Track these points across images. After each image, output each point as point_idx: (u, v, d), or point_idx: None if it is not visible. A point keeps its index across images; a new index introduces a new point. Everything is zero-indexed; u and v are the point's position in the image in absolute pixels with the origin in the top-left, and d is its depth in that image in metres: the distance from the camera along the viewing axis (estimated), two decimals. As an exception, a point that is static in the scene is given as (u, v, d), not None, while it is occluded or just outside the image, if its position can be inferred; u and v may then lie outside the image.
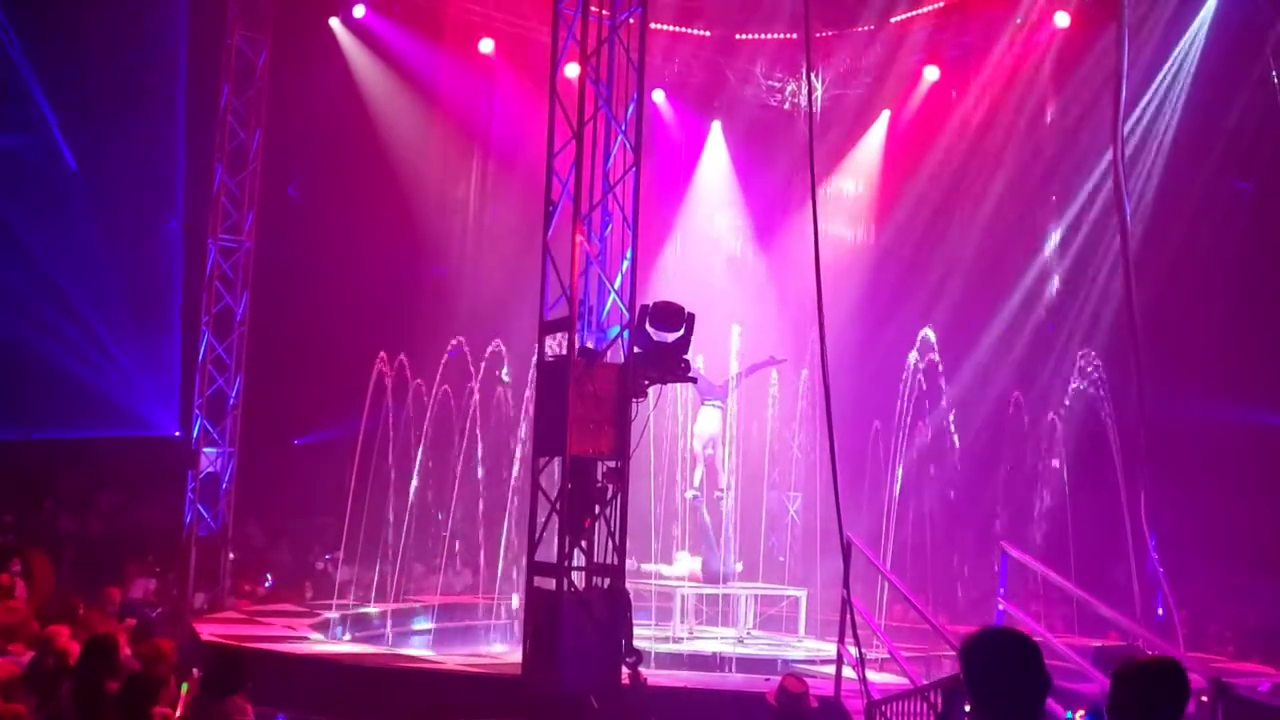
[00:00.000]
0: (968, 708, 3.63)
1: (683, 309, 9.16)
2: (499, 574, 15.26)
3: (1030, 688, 3.50)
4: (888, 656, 9.83)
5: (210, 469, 15.83)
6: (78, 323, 17.82)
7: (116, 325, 18.06)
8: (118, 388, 18.01)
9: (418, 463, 15.07)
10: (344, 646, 12.56)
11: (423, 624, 14.92)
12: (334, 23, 18.30)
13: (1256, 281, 16.63)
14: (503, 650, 13.46)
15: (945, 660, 10.53)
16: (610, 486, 8.93)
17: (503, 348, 15.33)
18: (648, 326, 9.05)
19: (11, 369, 16.57)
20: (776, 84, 19.77)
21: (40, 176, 17.11)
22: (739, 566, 15.45)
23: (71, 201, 17.41)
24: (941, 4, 18.14)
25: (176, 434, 17.81)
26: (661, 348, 9.09)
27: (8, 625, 10.43)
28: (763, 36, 19.15)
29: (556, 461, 8.90)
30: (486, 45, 18.84)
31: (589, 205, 9.20)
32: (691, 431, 15.66)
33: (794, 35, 18.61)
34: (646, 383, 9.16)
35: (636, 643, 8.98)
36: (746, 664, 12.82)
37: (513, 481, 15.44)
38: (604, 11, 9.59)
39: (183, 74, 17.20)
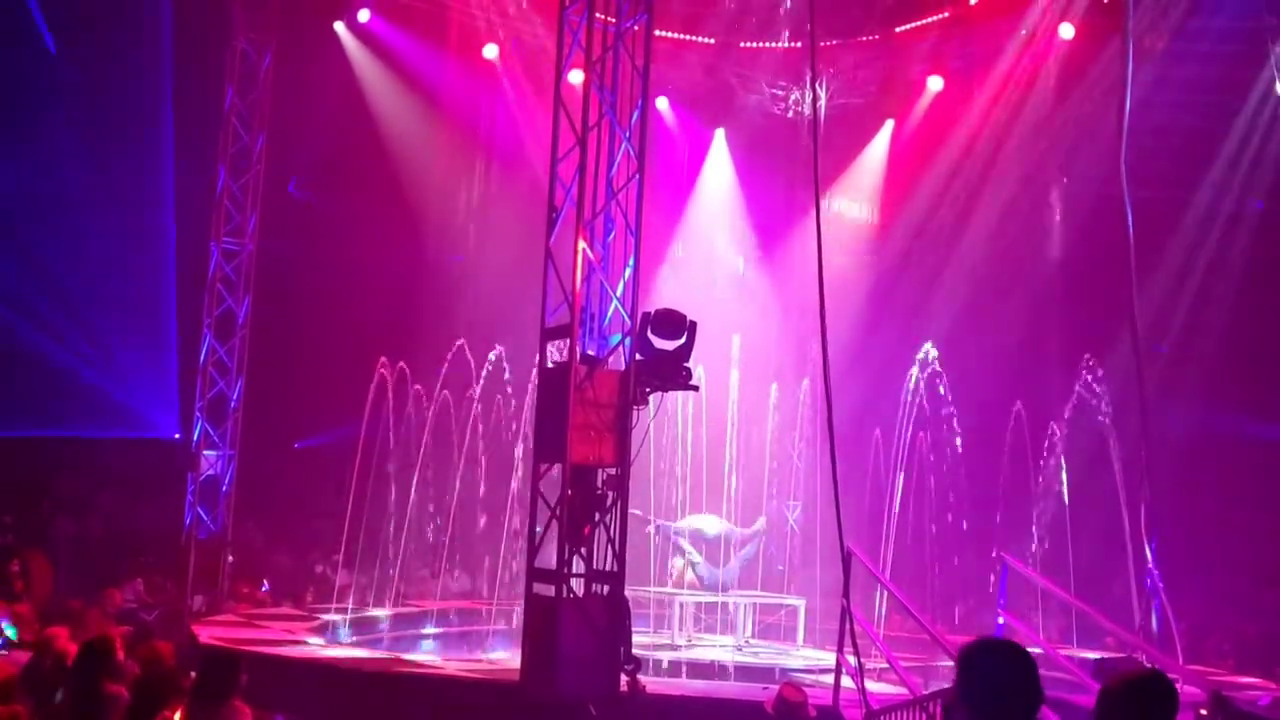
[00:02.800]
0: None
1: (684, 317, 9.16)
2: (498, 580, 15.24)
3: (1026, 699, 3.52)
4: (886, 666, 9.80)
5: (210, 471, 15.84)
6: (77, 323, 17.84)
7: (115, 326, 18.07)
8: (117, 388, 18.01)
9: (417, 467, 15.05)
10: (342, 651, 12.53)
11: (421, 628, 14.89)
12: (338, 27, 18.32)
13: (1259, 293, 16.64)
14: (502, 656, 13.43)
15: (944, 670, 10.50)
16: (610, 494, 8.91)
17: (504, 354, 15.32)
18: (649, 334, 9.05)
19: (11, 367, 16.58)
20: (780, 93, 19.78)
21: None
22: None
23: (70, 197, 17.44)
24: (946, 15, 18.15)
25: (177, 436, 17.81)
26: (663, 355, 9.09)
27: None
28: (767, 45, 19.16)
29: (557, 468, 8.89)
30: (491, 51, 18.86)
31: (592, 212, 9.20)
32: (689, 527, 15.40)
33: (798, 44, 18.64)
34: (648, 390, 9.15)
35: (635, 650, 8.96)
36: (745, 672, 12.78)
37: (512, 488, 15.42)
38: (609, 18, 9.60)
39: (169, 76, 17.21)
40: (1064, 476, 15.13)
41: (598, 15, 9.44)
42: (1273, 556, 15.56)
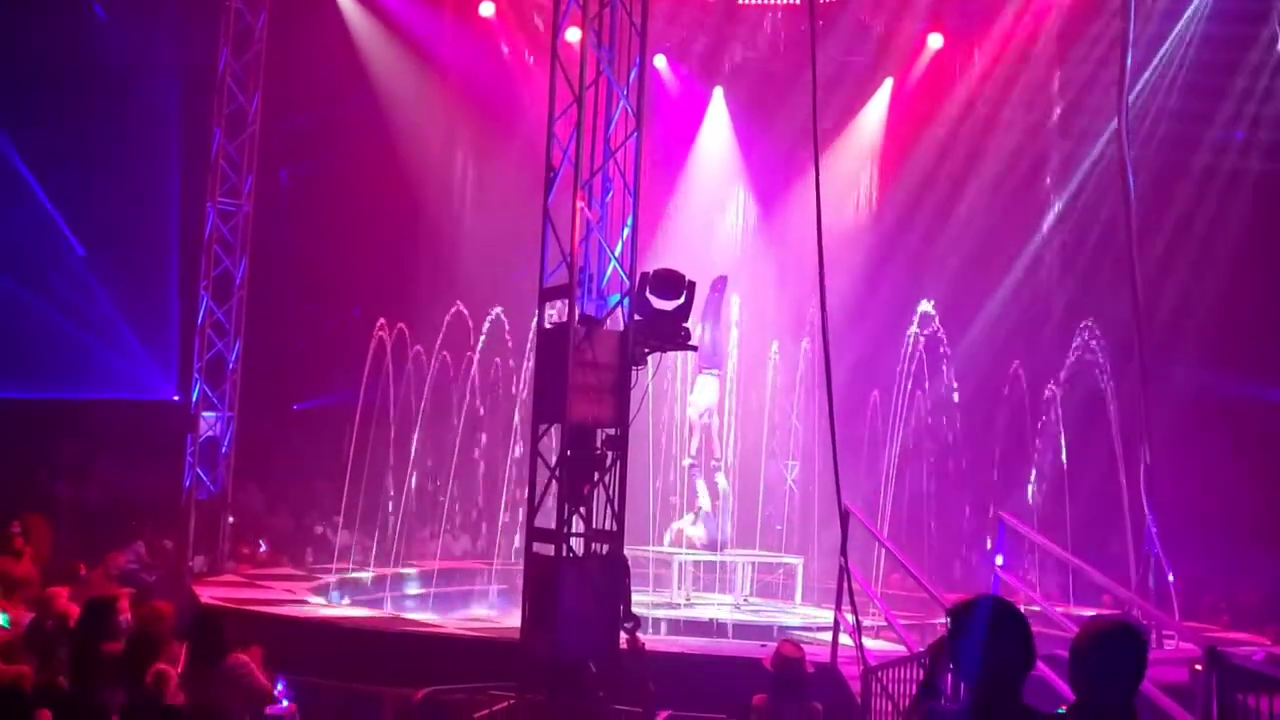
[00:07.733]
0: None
1: (683, 277, 9.13)
2: (498, 539, 15.30)
3: (1017, 658, 3.54)
4: (884, 624, 9.86)
5: (209, 433, 15.85)
6: (76, 284, 17.81)
7: (114, 288, 18.03)
8: (116, 350, 18.00)
9: (417, 428, 15.08)
10: (343, 610, 12.61)
11: (422, 588, 14.98)
12: (333, -15, 18.17)
13: (1259, 253, 16.61)
14: (501, 615, 13.51)
15: (941, 628, 10.54)
16: (609, 454, 8.92)
17: (503, 315, 15.31)
18: (648, 294, 9.02)
19: (9, 330, 16.55)
20: (779, 50, 19.62)
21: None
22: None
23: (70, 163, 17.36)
24: (946, -29, 18.02)
25: (175, 398, 17.81)
26: (662, 315, 9.07)
27: (15, 577, 10.45)
28: (766, 1, 18.99)
29: (556, 429, 8.90)
30: (487, 9, 18.71)
31: (590, 171, 9.14)
32: (689, 400, 15.63)
33: (798, 1, 18.48)
34: (646, 350, 9.14)
35: (635, 608, 9.01)
36: (743, 630, 12.86)
37: (512, 448, 15.45)
38: (606, -25, 9.49)
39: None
40: (1062, 436, 15.17)
41: (595, -28, 9.33)
42: (1268, 516, 15.63)
